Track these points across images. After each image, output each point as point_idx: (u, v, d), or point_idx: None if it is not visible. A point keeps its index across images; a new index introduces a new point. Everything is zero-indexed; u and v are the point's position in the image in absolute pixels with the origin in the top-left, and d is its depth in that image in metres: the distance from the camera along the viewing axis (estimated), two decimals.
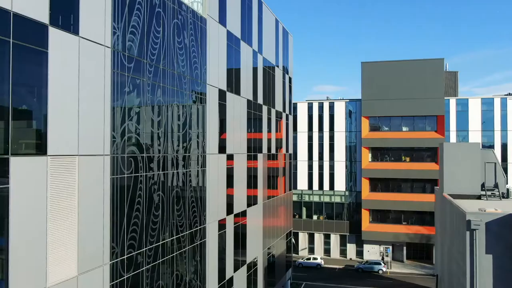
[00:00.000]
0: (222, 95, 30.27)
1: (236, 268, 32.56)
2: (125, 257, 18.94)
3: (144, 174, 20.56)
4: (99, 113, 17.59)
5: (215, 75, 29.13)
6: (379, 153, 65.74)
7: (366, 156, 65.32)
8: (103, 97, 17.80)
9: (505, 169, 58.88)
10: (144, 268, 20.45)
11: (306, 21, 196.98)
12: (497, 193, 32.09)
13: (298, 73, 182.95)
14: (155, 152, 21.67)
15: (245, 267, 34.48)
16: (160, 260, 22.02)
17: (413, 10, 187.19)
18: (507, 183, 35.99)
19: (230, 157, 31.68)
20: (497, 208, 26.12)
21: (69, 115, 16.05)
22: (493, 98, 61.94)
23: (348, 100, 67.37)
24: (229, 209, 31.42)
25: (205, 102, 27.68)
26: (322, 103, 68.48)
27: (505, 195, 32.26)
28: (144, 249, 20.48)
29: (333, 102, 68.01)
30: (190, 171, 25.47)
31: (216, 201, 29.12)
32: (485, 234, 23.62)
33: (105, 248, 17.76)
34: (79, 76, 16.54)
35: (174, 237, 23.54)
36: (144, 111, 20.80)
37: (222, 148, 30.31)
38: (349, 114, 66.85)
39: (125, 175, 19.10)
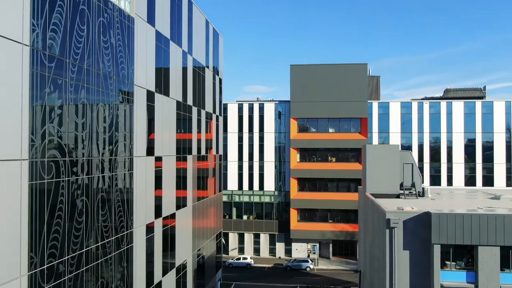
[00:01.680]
0: (150, 96, 29.64)
1: (164, 272, 32.04)
2: (45, 267, 17.96)
3: (67, 179, 19.63)
4: (15, 115, 16.52)
5: (143, 76, 28.47)
6: (307, 153, 67.69)
7: (294, 157, 66.99)
8: (20, 98, 16.74)
9: (421, 169, 63.00)
10: (66, 277, 19.52)
11: (236, 21, 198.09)
12: (414, 192, 34.30)
13: (228, 73, 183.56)
14: (79, 155, 20.76)
15: (174, 270, 34.02)
16: (84, 268, 21.14)
17: (341, 16, 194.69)
18: (422, 183, 38.50)
19: (158, 159, 31.11)
20: (413, 206, 27.94)
21: None
22: (411, 102, 66.00)
23: (277, 102, 68.67)
24: (158, 212, 30.85)
25: (133, 104, 26.96)
26: (252, 104, 69.25)
27: (420, 194, 34.58)
28: (66, 257, 19.55)
29: (263, 103, 69.01)
30: (116, 174, 24.68)
31: (144, 205, 28.47)
32: (402, 232, 25.18)
33: (22, 258, 16.71)
34: None
35: (99, 243, 22.70)
36: (67, 113, 19.85)
37: (150, 150, 29.68)
38: (278, 115, 68.18)
39: (45, 181, 18.12)
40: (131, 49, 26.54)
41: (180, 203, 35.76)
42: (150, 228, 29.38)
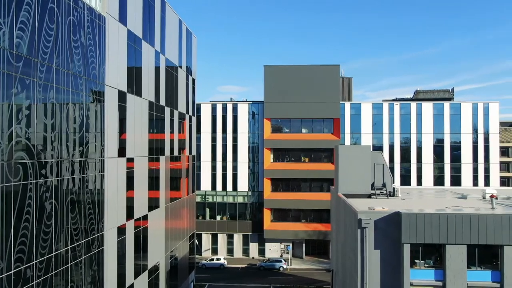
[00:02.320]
0: (122, 96, 29.20)
1: (137, 275, 31.63)
2: (11, 272, 17.47)
3: (35, 181, 19.14)
4: None
5: (115, 76, 28.02)
6: (280, 154, 67.97)
7: (268, 157, 67.17)
8: None
9: (392, 169, 64.17)
10: (34, 282, 19.04)
11: (210, 19, 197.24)
12: (385, 192, 34.88)
13: (202, 72, 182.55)
14: (47, 157, 20.27)
15: (146, 272, 33.63)
16: (53, 273, 20.66)
17: (315, 17, 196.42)
18: (393, 183, 39.22)
19: (130, 160, 30.69)
20: (384, 206, 28.41)
21: None
22: (382, 103, 67.14)
23: (251, 102, 68.72)
24: (130, 214, 30.44)
25: (104, 104, 26.50)
26: (226, 104, 69.10)
27: (391, 194, 35.19)
28: (34, 261, 19.07)
29: (237, 104, 68.93)
30: (87, 176, 24.22)
31: (116, 206, 28.03)
32: (373, 232, 25.58)
33: None
34: None
35: (69, 247, 22.23)
36: (35, 113, 19.35)
37: (122, 151, 29.24)
38: (252, 115, 68.24)
39: (12, 183, 17.62)
40: (102, 48, 26.09)
41: (153, 204, 35.38)
42: (121, 230, 28.96)
